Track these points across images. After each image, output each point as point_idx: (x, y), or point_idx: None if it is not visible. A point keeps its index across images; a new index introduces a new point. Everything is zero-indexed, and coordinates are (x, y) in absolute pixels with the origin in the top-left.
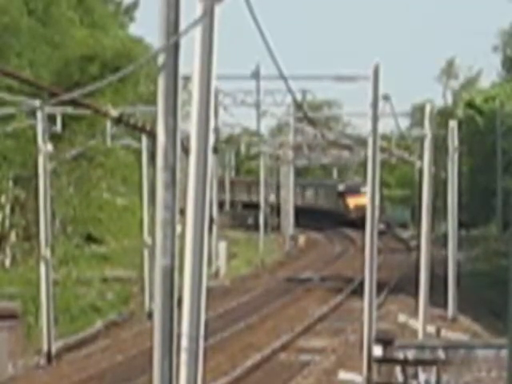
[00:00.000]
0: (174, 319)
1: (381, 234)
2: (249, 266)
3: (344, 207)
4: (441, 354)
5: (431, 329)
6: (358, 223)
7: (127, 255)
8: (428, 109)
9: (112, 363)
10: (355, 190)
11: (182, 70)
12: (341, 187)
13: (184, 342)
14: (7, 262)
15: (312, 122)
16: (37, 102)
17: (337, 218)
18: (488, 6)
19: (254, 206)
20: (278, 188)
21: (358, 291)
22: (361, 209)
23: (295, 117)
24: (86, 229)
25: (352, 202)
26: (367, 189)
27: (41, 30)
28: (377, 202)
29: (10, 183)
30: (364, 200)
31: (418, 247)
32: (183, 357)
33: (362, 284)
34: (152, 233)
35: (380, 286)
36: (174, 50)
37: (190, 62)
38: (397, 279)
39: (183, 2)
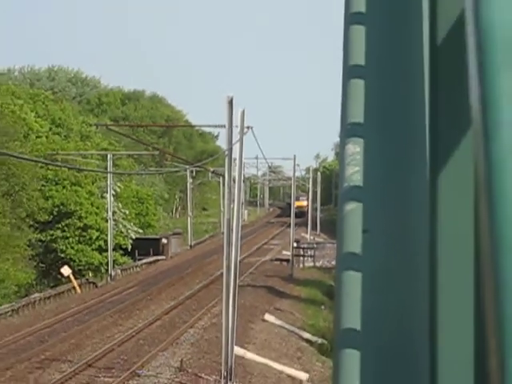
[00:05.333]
0: (230, 234)
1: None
2: (254, 218)
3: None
4: (315, 246)
5: (311, 238)
6: (298, 214)
7: (216, 215)
8: (311, 168)
9: (211, 249)
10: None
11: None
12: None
13: (233, 240)
14: (177, 216)
15: (274, 172)
16: (187, 167)
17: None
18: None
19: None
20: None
21: (289, 226)
22: (300, 207)
23: (269, 170)
24: (202, 206)
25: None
26: (302, 198)
27: (187, 143)
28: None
29: (178, 193)
30: (301, 203)
31: (308, 213)
32: (234, 246)
33: (289, 224)
34: (224, 208)
35: (296, 224)
36: (230, 150)
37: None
38: (301, 222)
39: (235, 134)
